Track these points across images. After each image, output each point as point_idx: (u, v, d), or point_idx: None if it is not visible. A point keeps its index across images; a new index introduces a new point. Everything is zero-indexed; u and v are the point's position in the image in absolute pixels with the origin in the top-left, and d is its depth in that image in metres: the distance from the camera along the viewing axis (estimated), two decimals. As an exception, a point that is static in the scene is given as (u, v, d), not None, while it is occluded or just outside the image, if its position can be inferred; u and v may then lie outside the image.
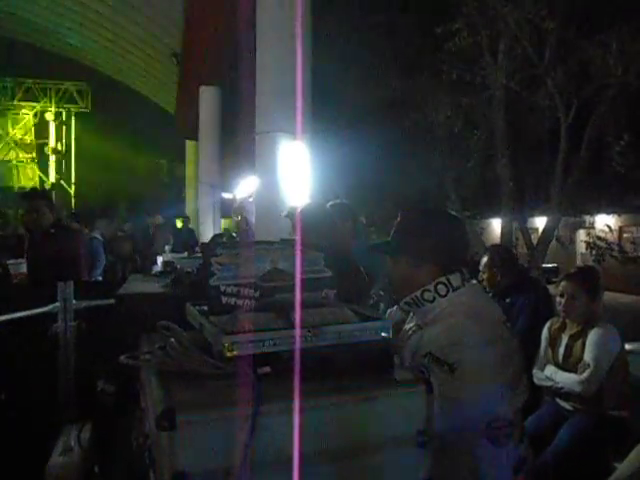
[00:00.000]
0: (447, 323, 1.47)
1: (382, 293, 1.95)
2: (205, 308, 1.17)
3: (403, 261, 1.60)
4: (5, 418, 2.90)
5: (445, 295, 1.54)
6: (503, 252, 3.83)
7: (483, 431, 1.42)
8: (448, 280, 1.54)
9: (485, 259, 3.66)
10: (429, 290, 1.54)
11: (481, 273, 3.66)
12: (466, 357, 1.39)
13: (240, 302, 1.14)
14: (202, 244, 2.29)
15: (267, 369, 0.95)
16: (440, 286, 1.54)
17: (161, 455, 0.79)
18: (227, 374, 0.93)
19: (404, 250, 1.59)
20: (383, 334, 1.06)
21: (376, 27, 6.94)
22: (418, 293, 1.55)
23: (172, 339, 1.04)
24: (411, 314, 1.68)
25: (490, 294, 3.60)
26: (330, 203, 3.15)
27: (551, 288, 4.35)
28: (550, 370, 3.00)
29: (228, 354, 0.93)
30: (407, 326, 1.66)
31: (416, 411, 0.96)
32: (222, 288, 1.15)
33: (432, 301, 1.54)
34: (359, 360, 1.03)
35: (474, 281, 1.66)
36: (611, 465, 2.63)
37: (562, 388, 2.91)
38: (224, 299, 1.14)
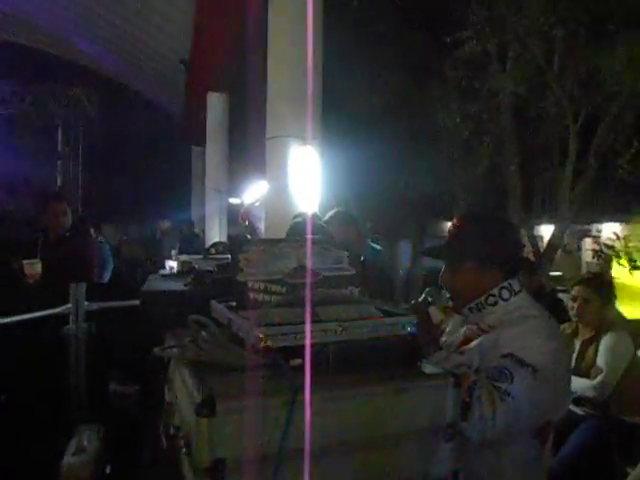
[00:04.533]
0: (527, 325, 1.49)
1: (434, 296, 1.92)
2: (232, 304, 1.18)
3: (467, 267, 1.58)
4: (17, 419, 2.93)
5: (508, 299, 1.56)
6: (526, 263, 3.86)
7: (537, 431, 1.47)
8: (510, 285, 1.56)
9: None
10: (493, 295, 1.56)
11: None
12: (547, 360, 1.41)
13: (267, 298, 1.16)
14: (218, 244, 2.31)
15: (299, 361, 0.97)
16: (504, 291, 1.56)
17: (199, 443, 0.81)
18: (261, 365, 0.95)
19: (470, 256, 1.58)
20: (409, 329, 1.08)
21: (386, 34, 6.99)
22: (482, 299, 1.56)
23: (203, 333, 1.06)
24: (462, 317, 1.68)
25: None
26: (329, 213, 3.17)
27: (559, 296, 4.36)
28: (562, 375, 3.00)
29: (262, 346, 0.95)
30: (461, 329, 1.65)
31: (444, 404, 0.97)
32: (249, 284, 1.17)
33: (494, 305, 1.56)
34: (386, 354, 1.04)
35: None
36: (623, 470, 2.62)
37: (575, 393, 2.91)
38: (251, 295, 1.16)
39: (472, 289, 1.58)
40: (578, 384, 2.89)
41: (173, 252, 7.13)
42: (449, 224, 1.75)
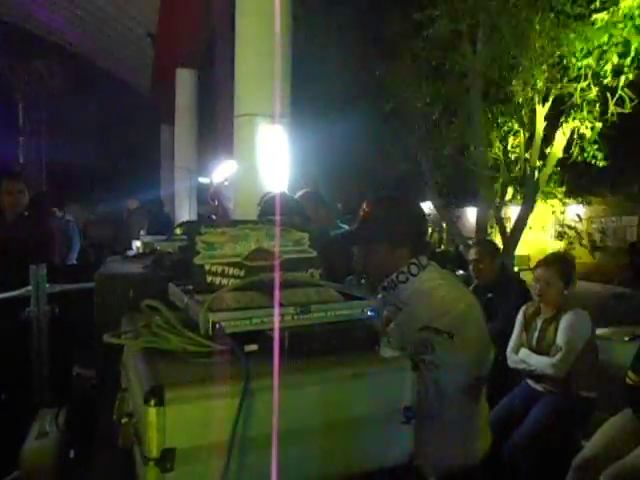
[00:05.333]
0: (435, 296, 1.58)
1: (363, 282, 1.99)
2: (189, 288, 1.16)
3: (378, 248, 1.68)
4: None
5: (417, 274, 1.65)
6: (491, 246, 3.92)
7: (467, 390, 1.56)
8: (418, 260, 1.67)
9: (474, 251, 3.74)
10: (403, 272, 1.65)
11: (472, 265, 3.74)
12: (458, 323, 1.51)
13: (225, 281, 1.14)
14: (185, 223, 2.26)
15: (254, 347, 0.95)
16: (412, 267, 1.66)
17: (149, 432, 0.79)
18: (214, 352, 0.93)
19: (380, 237, 1.67)
20: (369, 313, 1.07)
21: (356, 11, 6.89)
22: (394, 276, 1.66)
23: (157, 317, 1.03)
24: (379, 297, 1.73)
25: (473, 286, 3.69)
26: (299, 193, 3.15)
27: (524, 275, 4.45)
28: (524, 353, 3.09)
29: (215, 332, 0.93)
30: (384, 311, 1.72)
31: (402, 388, 0.97)
32: (207, 267, 1.14)
33: (405, 282, 1.65)
34: (345, 338, 1.03)
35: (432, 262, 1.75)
36: (579, 443, 2.73)
37: (535, 370, 3.00)
38: (209, 278, 1.14)
39: (383, 268, 1.68)
40: (538, 361, 2.98)
41: (142, 232, 6.99)
42: (421, 205, 1.83)
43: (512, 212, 10.34)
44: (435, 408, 1.44)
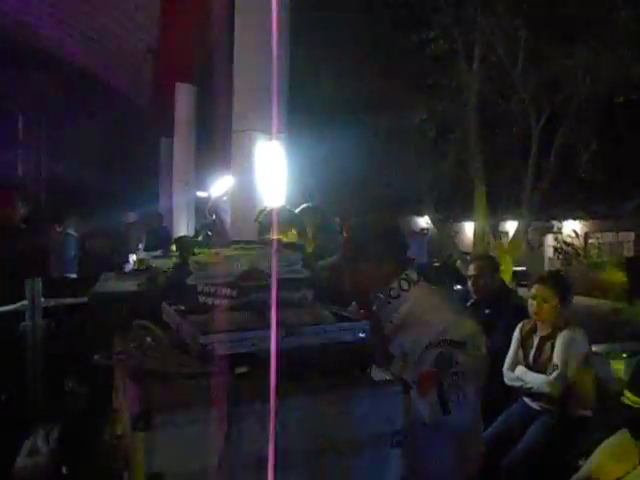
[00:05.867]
0: (439, 310, 1.62)
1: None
2: (182, 307, 1.16)
3: (364, 267, 1.73)
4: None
5: (408, 289, 1.68)
6: (491, 262, 3.90)
7: (477, 396, 1.58)
8: (407, 275, 1.70)
9: (473, 267, 3.72)
10: (394, 287, 1.69)
11: (470, 280, 3.71)
12: (467, 332, 1.55)
13: (218, 302, 1.14)
14: (177, 241, 2.27)
15: (244, 369, 0.95)
16: (403, 282, 1.69)
17: (137, 456, 0.78)
18: (204, 374, 0.93)
19: (364, 256, 1.72)
20: (360, 335, 1.07)
21: (352, 28, 6.98)
22: (384, 293, 1.69)
23: (149, 338, 1.03)
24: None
25: (471, 301, 3.68)
26: (300, 208, 3.16)
27: (522, 291, 4.45)
28: (520, 370, 3.07)
29: (205, 354, 0.93)
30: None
31: (393, 411, 0.97)
32: (200, 287, 1.14)
33: (397, 297, 1.68)
34: (336, 360, 1.03)
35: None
36: (576, 463, 2.70)
37: (531, 388, 2.98)
38: (201, 298, 1.14)
39: (373, 285, 1.72)
40: (535, 379, 2.96)
41: (140, 246, 6.99)
42: (419, 220, 1.90)
43: (509, 227, 10.35)
44: (469, 419, 1.50)
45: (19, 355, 3.06)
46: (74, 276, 6.06)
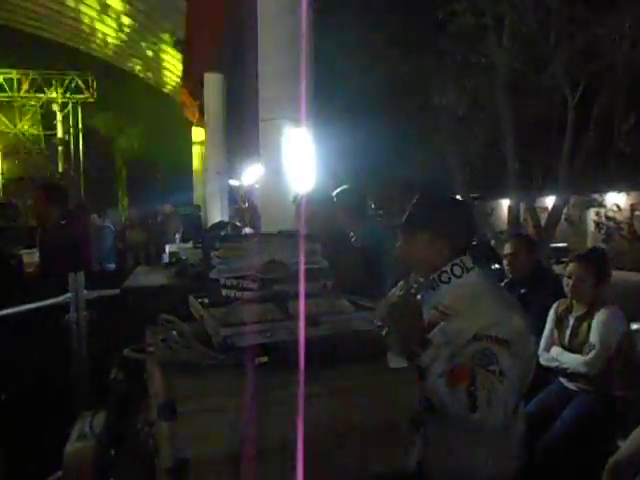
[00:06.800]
0: (488, 303, 1.54)
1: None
2: (206, 301, 1.20)
3: (420, 237, 1.64)
4: (22, 409, 3.00)
5: (460, 276, 1.60)
6: (527, 241, 3.83)
7: (514, 403, 1.48)
8: (462, 261, 1.61)
9: (509, 246, 3.67)
10: (446, 272, 1.61)
11: (506, 259, 3.66)
12: (516, 332, 1.46)
13: (239, 294, 1.18)
14: (203, 235, 2.33)
15: (265, 359, 0.99)
16: (456, 267, 1.61)
17: (163, 443, 0.83)
18: (226, 365, 0.97)
19: (421, 228, 1.64)
20: (377, 323, 1.09)
21: (378, 9, 6.86)
22: (435, 275, 1.62)
23: (174, 331, 1.08)
24: (420, 296, 1.67)
25: (506, 281, 3.63)
26: (337, 190, 3.19)
27: (560, 268, 4.34)
28: (556, 351, 3.03)
29: (226, 345, 0.97)
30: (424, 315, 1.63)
31: (409, 398, 0.99)
32: (222, 281, 1.18)
33: (448, 282, 1.60)
34: (355, 349, 1.06)
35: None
36: (615, 444, 2.66)
37: (567, 369, 2.94)
38: (224, 291, 1.18)
39: (424, 258, 1.64)
40: (571, 360, 2.92)
41: (177, 236, 7.17)
42: None
43: (550, 203, 10.07)
44: (501, 420, 1.38)
45: (65, 346, 3.21)
46: (113, 267, 6.27)
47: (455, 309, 1.54)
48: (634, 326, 3.35)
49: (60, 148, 14.95)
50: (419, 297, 1.63)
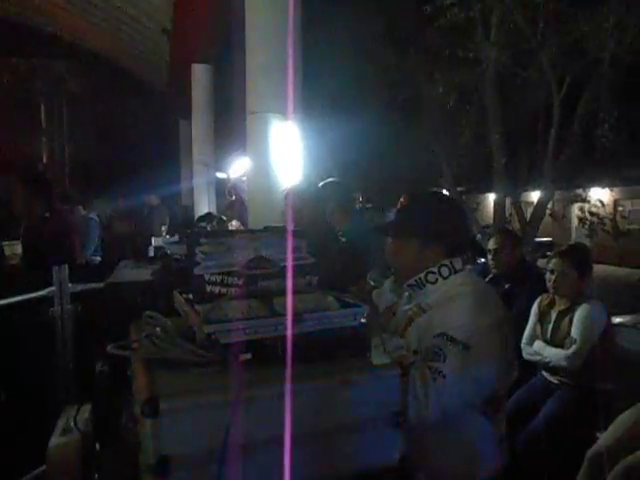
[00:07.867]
0: (459, 304, 1.50)
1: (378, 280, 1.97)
2: (190, 297, 1.20)
3: (409, 244, 1.61)
4: (5, 403, 2.97)
5: (447, 277, 1.58)
6: (511, 236, 3.86)
7: (479, 406, 1.50)
8: (451, 263, 1.59)
9: (494, 241, 3.68)
10: (433, 272, 1.58)
11: (490, 254, 3.68)
12: (479, 337, 1.43)
13: (224, 290, 1.18)
14: (200, 220, 2.31)
15: (248, 356, 0.99)
16: (443, 268, 1.58)
17: (146, 440, 0.83)
18: (209, 361, 0.97)
19: (411, 233, 1.61)
20: (361, 320, 1.10)
21: (366, 3, 6.84)
22: (422, 275, 1.59)
23: (157, 328, 1.08)
24: (405, 295, 1.71)
25: (490, 276, 3.66)
26: (322, 183, 3.18)
27: (545, 262, 4.39)
28: (538, 345, 3.08)
29: (210, 342, 0.97)
30: (404, 307, 1.68)
31: (392, 393, 1.00)
32: (206, 277, 1.18)
33: (434, 282, 1.58)
34: (338, 345, 1.07)
35: (469, 266, 1.69)
36: (593, 436, 2.71)
37: (549, 362, 2.99)
38: (208, 287, 1.18)
39: (413, 264, 1.61)
40: (553, 354, 2.97)
41: (163, 228, 7.13)
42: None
43: (535, 198, 10.18)
44: (435, 417, 1.38)
45: (49, 340, 3.18)
46: (99, 259, 6.21)
47: (431, 306, 1.55)
48: (616, 320, 3.41)
49: (44, 139, 14.73)
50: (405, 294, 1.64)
